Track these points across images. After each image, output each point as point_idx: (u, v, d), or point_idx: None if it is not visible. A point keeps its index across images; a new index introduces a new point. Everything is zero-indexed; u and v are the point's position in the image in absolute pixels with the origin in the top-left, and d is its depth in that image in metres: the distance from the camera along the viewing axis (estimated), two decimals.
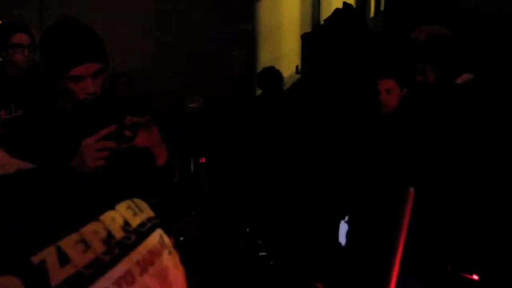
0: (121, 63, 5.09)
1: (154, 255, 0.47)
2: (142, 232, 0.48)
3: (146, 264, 0.46)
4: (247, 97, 5.76)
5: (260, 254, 1.96)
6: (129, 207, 0.49)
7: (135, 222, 0.48)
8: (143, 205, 0.52)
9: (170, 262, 0.49)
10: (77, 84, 1.52)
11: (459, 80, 2.18)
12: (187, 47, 5.55)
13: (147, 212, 0.51)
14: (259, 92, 5.13)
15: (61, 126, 1.61)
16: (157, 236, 0.49)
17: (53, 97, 1.62)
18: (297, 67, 5.46)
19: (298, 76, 5.40)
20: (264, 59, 5.80)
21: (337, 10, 4.40)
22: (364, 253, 1.07)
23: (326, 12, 5.22)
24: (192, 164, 2.61)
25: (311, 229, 1.45)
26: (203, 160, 2.63)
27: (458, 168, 1.93)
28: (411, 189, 0.94)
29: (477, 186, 1.90)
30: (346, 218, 1.17)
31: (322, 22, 5.11)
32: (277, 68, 4.75)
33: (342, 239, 1.18)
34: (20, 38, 2.71)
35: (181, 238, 2.29)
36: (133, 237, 0.46)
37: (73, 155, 1.45)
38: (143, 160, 1.56)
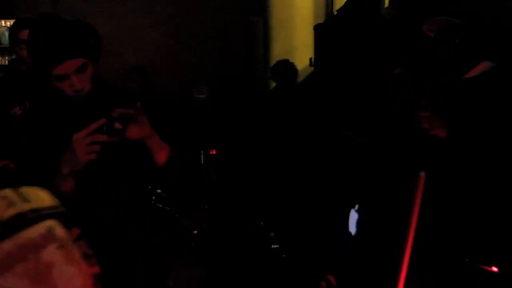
0: (132, 56, 5.12)
1: (28, 250, 0.40)
2: (14, 225, 0.41)
3: (11, 261, 0.39)
4: (260, 90, 5.74)
5: (272, 246, 1.93)
6: (3, 198, 0.43)
7: (6, 213, 0.42)
8: (36, 193, 0.45)
9: (58, 257, 0.42)
10: (63, 83, 1.51)
11: (476, 70, 2.12)
12: (198, 40, 5.55)
13: (38, 202, 0.44)
14: (273, 85, 5.11)
15: (53, 122, 1.60)
16: (41, 228, 0.42)
17: (47, 94, 1.61)
18: (310, 59, 5.42)
19: (312, 68, 5.35)
20: (278, 52, 5.77)
21: (350, 0, 4.34)
22: (375, 241, 1.04)
23: (339, 2, 5.16)
24: (202, 155, 2.59)
25: (321, 218, 1.43)
26: (213, 152, 2.61)
27: (473, 156, 1.89)
28: (422, 174, 0.90)
29: (495, 173, 1.85)
30: (356, 206, 1.14)
31: (335, 13, 5.06)
32: (291, 60, 4.72)
33: (352, 228, 1.15)
34: (26, 34, 2.68)
35: (195, 232, 2.28)
36: None
37: (63, 150, 1.43)
38: (138, 152, 1.54)
